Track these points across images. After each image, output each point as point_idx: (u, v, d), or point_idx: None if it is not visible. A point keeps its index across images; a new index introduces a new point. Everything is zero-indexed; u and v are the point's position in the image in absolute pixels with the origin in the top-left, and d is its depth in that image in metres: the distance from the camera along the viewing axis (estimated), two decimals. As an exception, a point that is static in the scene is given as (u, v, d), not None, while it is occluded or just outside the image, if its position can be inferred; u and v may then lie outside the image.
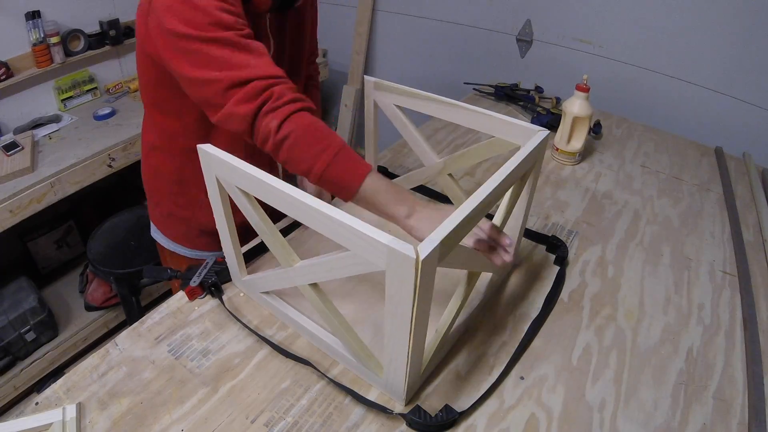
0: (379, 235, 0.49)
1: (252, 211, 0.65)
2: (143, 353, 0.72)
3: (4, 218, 1.40)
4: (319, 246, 0.93)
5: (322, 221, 0.54)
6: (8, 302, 1.63)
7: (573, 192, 1.15)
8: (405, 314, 0.52)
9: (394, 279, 0.50)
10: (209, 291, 0.81)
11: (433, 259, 0.49)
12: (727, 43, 1.45)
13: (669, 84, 1.60)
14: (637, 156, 1.31)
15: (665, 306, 0.84)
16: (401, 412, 0.64)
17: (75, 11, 1.77)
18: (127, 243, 1.58)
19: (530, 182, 0.75)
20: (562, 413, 0.66)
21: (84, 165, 1.54)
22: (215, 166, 0.66)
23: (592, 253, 0.95)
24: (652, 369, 0.73)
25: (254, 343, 0.74)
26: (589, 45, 1.72)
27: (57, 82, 1.79)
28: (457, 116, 0.81)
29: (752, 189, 1.18)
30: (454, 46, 2.09)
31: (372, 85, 0.89)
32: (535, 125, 0.73)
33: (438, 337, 0.67)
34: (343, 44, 2.43)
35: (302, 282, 0.64)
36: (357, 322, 0.76)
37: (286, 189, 0.57)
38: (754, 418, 0.65)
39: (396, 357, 0.59)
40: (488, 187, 0.58)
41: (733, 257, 0.96)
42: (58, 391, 0.67)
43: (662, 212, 1.08)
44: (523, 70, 1.92)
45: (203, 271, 0.82)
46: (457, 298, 0.68)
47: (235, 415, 0.64)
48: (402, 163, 1.24)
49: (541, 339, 0.77)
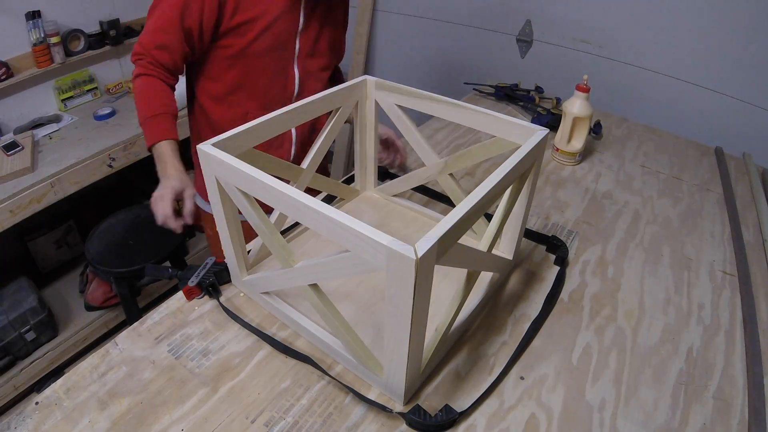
0: (378, 236, 0.49)
1: (252, 211, 0.65)
2: (143, 353, 0.72)
3: (4, 218, 1.40)
4: (320, 247, 0.93)
5: (322, 222, 0.54)
6: (8, 302, 1.63)
7: (573, 192, 1.15)
8: (404, 314, 0.52)
9: (394, 279, 0.50)
10: (207, 291, 0.81)
11: (430, 257, 0.49)
12: (727, 43, 1.45)
13: (669, 84, 1.60)
14: (637, 156, 1.31)
15: (665, 306, 0.84)
16: (401, 411, 0.64)
17: (75, 11, 1.77)
18: (125, 242, 1.58)
19: (530, 181, 0.75)
20: (562, 413, 0.66)
21: (84, 165, 1.55)
22: (215, 166, 0.66)
23: (592, 253, 0.95)
24: (652, 369, 0.73)
25: (254, 344, 0.74)
26: (589, 45, 1.72)
27: (57, 82, 1.79)
28: (459, 116, 0.81)
29: (752, 189, 1.18)
30: (454, 46, 2.09)
31: (373, 84, 0.89)
32: (536, 125, 0.73)
33: (438, 336, 0.67)
34: (343, 44, 2.43)
35: (302, 282, 0.64)
36: (357, 322, 0.76)
37: (285, 190, 0.57)
38: (754, 418, 0.66)
39: (396, 356, 0.59)
40: (486, 185, 0.58)
41: (733, 257, 0.96)
42: (58, 391, 0.67)
43: (662, 212, 1.08)
44: (523, 70, 1.92)
45: (202, 272, 0.82)
46: (457, 298, 0.68)
47: (235, 415, 0.64)
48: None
49: (541, 339, 0.77)
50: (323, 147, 0.89)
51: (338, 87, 0.85)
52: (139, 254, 1.53)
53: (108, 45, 1.86)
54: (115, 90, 1.92)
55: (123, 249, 1.55)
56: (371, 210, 1.03)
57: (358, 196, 1.06)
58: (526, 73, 1.88)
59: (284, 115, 0.76)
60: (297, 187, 0.85)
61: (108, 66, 1.95)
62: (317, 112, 0.83)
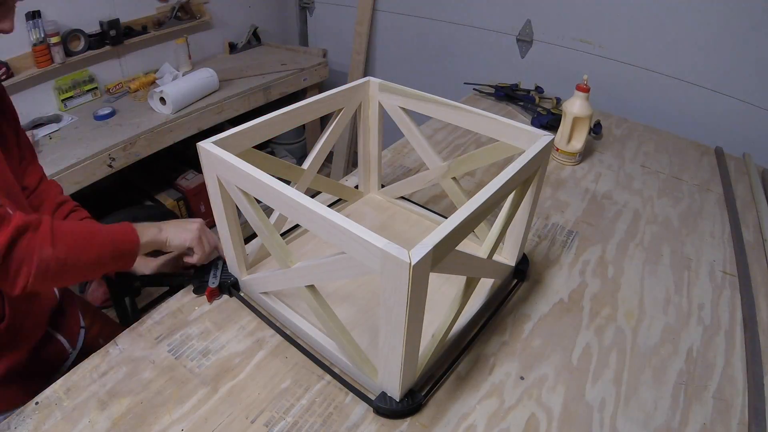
0: (374, 239, 0.49)
1: (251, 211, 0.65)
2: (143, 353, 0.72)
3: (4, 218, 1.40)
4: (321, 249, 0.93)
5: (319, 223, 0.54)
6: (8, 302, 1.63)
7: (573, 192, 1.15)
8: (399, 318, 0.52)
9: (388, 283, 0.50)
10: (228, 291, 0.82)
11: (425, 264, 0.49)
12: (727, 43, 1.45)
13: (669, 84, 1.60)
14: (637, 156, 1.31)
15: (665, 306, 0.84)
16: (369, 399, 0.65)
17: (75, 11, 1.77)
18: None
19: (534, 187, 0.74)
20: (562, 413, 0.66)
21: (84, 165, 1.54)
22: (215, 165, 0.66)
23: (592, 253, 0.95)
24: (652, 369, 0.73)
25: (254, 344, 0.74)
26: (589, 45, 1.72)
27: (57, 82, 1.79)
28: (462, 119, 0.80)
29: (752, 189, 1.18)
30: (454, 46, 2.09)
31: (377, 86, 0.89)
32: (540, 130, 0.72)
33: (435, 342, 0.66)
34: (343, 44, 2.43)
35: (299, 284, 0.64)
36: (355, 325, 0.76)
37: (284, 190, 0.57)
38: (754, 418, 0.65)
39: (390, 361, 0.59)
40: (487, 192, 0.58)
41: (733, 257, 0.96)
42: (58, 391, 0.67)
43: (662, 212, 1.08)
44: (523, 70, 1.92)
45: (218, 272, 0.83)
46: (455, 304, 0.67)
47: (235, 415, 0.64)
48: (402, 163, 1.24)
49: (541, 339, 0.77)
50: (325, 148, 0.88)
51: (341, 87, 0.85)
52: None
53: (108, 45, 1.86)
54: (115, 90, 1.92)
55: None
56: (374, 212, 1.02)
57: (361, 198, 1.06)
58: (526, 73, 1.88)
59: (285, 115, 0.76)
60: (298, 187, 0.85)
61: (108, 66, 1.94)
62: (320, 113, 0.83)
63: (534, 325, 0.79)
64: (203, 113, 1.84)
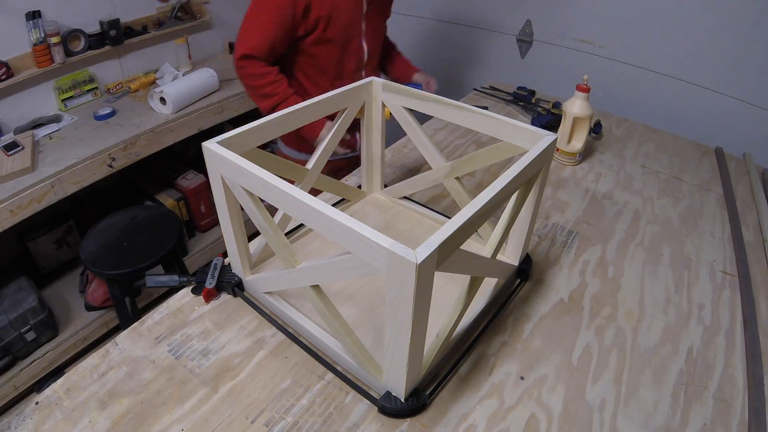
0: (380, 239, 0.49)
1: (256, 210, 0.65)
2: (143, 353, 0.72)
3: (4, 218, 1.40)
4: (326, 248, 0.93)
5: (324, 223, 0.54)
6: (8, 302, 1.63)
7: (573, 192, 1.15)
8: (405, 318, 0.52)
9: (395, 282, 0.50)
10: (232, 291, 0.82)
11: (430, 263, 0.49)
12: (727, 43, 1.45)
13: (669, 84, 1.60)
14: (637, 156, 1.31)
15: (665, 306, 0.84)
16: (374, 398, 0.65)
17: (75, 11, 1.77)
18: (119, 244, 1.57)
19: (537, 187, 0.74)
20: (562, 413, 0.66)
21: (84, 165, 1.54)
22: (220, 165, 0.66)
23: (592, 253, 0.95)
24: (652, 369, 0.73)
25: (254, 344, 0.74)
26: (589, 45, 1.73)
27: (57, 82, 1.79)
28: (465, 119, 0.80)
29: (752, 189, 1.18)
30: (454, 46, 2.09)
31: (380, 86, 0.89)
32: (543, 130, 0.72)
33: (439, 342, 0.66)
34: (343, 44, 2.42)
35: (304, 283, 0.64)
36: (359, 325, 0.76)
37: (289, 190, 0.57)
38: (754, 418, 0.66)
39: (395, 361, 0.59)
40: (490, 191, 0.58)
41: (733, 257, 0.96)
42: (58, 391, 0.67)
43: (662, 212, 1.08)
44: (523, 70, 1.92)
45: (215, 272, 0.83)
46: (459, 304, 0.67)
47: (235, 415, 0.64)
48: (402, 163, 1.24)
49: (541, 339, 0.77)
50: (329, 147, 0.88)
51: (345, 88, 0.85)
52: (132, 257, 1.51)
53: (108, 45, 1.86)
54: (115, 90, 1.92)
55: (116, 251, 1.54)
56: (377, 212, 1.02)
57: (364, 198, 1.06)
58: (526, 73, 1.88)
59: (289, 115, 0.76)
60: (302, 187, 0.85)
61: (108, 66, 1.94)
62: (324, 113, 0.83)
63: (534, 325, 0.79)
64: (203, 113, 1.84)
